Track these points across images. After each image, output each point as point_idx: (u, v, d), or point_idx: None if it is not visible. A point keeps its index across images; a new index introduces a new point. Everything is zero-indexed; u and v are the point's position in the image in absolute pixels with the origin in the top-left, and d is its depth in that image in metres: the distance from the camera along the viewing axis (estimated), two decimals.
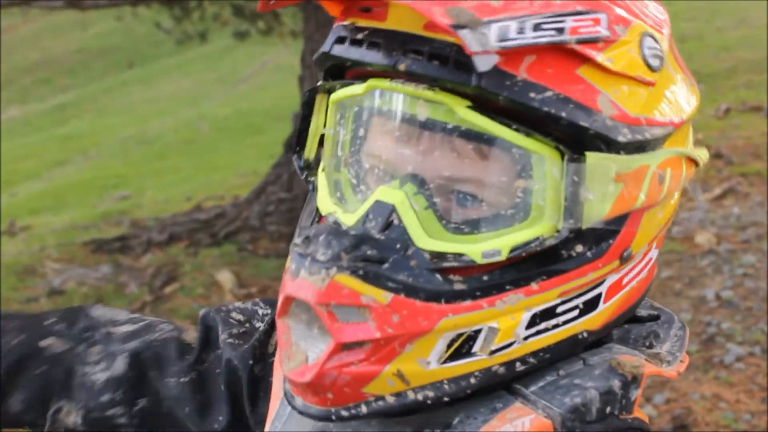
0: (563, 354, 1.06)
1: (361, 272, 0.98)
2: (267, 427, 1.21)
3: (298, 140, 1.18)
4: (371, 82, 1.05)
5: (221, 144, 14.45)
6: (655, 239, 1.10)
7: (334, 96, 1.11)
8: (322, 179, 1.14)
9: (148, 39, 24.25)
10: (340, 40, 1.06)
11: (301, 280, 1.00)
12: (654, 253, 1.12)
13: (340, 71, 1.12)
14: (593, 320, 1.06)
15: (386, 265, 0.99)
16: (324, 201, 1.12)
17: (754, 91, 10.49)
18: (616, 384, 1.05)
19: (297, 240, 1.05)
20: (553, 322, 1.03)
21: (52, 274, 7.81)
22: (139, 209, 10.63)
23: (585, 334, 1.06)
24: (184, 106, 18.24)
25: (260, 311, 1.43)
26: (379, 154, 1.07)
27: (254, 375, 1.32)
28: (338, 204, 1.11)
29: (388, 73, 1.03)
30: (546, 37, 0.95)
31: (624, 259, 1.05)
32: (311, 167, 1.18)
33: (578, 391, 1.04)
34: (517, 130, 0.98)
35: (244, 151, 13.55)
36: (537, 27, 0.95)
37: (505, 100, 0.96)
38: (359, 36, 1.04)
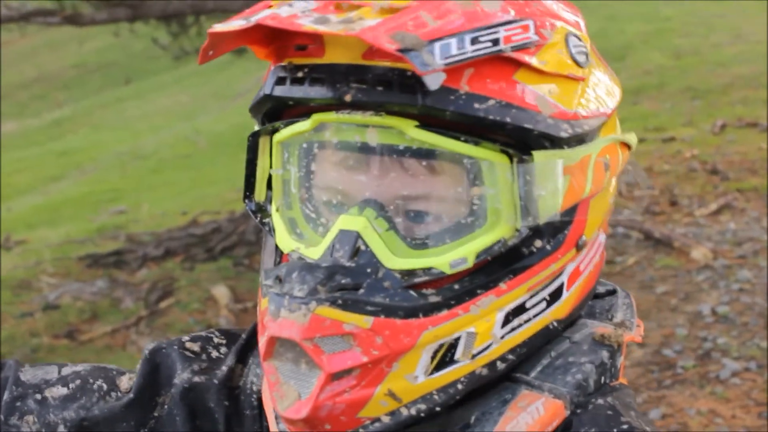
0: (538, 345, 1.11)
1: (339, 301, 1.01)
2: None
3: (246, 185, 1.20)
4: (317, 116, 1.07)
5: (217, 159, 14.44)
6: (602, 224, 1.16)
7: (278, 136, 1.13)
8: (277, 219, 1.16)
9: (144, 55, 24.26)
10: (281, 81, 1.09)
11: (282, 320, 1.03)
12: (602, 237, 1.18)
13: (277, 113, 1.14)
14: (560, 309, 1.12)
15: (362, 291, 1.02)
16: (283, 239, 1.14)
17: (750, 107, 10.50)
18: (605, 355, 1.12)
19: (268, 281, 1.07)
20: (525, 317, 1.08)
21: (47, 289, 7.79)
22: (134, 224, 10.62)
23: (555, 324, 1.11)
24: (180, 121, 18.24)
25: (215, 339, 1.37)
26: (335, 185, 1.09)
27: (229, 415, 1.29)
28: (299, 240, 1.13)
29: (332, 106, 1.06)
30: (484, 49, 1.00)
31: (579, 247, 1.11)
32: (263, 209, 1.19)
33: (576, 368, 1.10)
34: (465, 141, 1.03)
35: (240, 165, 13.33)
36: (474, 41, 1.00)
37: (452, 114, 1.01)
38: (299, 74, 1.07)
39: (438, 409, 1.05)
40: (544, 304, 1.09)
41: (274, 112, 1.14)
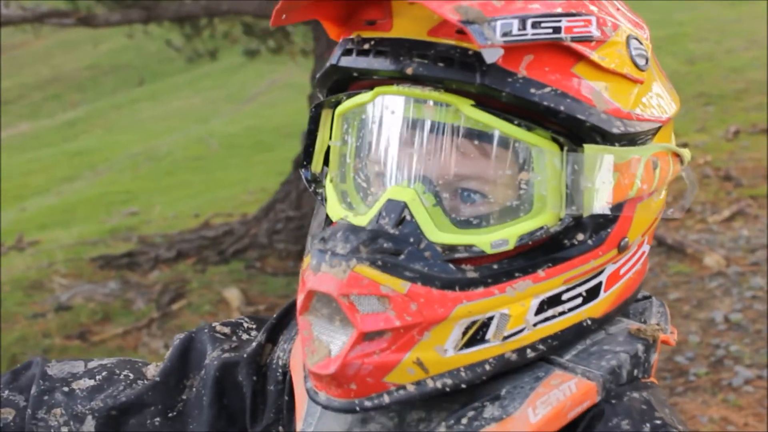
0: (570, 340, 1.12)
1: (379, 263, 1.04)
2: (298, 427, 1.23)
3: (305, 155, 1.24)
4: (378, 89, 1.11)
5: (230, 161, 14.48)
6: (647, 232, 1.17)
7: (340, 108, 1.17)
8: (330, 189, 1.20)
9: (158, 56, 24.35)
10: (347, 52, 1.12)
11: (322, 274, 1.06)
12: (646, 248, 1.20)
13: (342, 86, 1.17)
14: (596, 308, 1.13)
15: (402, 257, 1.05)
16: (334, 208, 1.18)
17: (764, 113, 10.46)
18: (640, 348, 1.14)
19: (314, 241, 1.10)
20: (560, 309, 1.10)
21: (59, 290, 7.81)
22: (147, 225, 10.64)
23: (589, 322, 1.13)
24: (194, 123, 18.28)
25: (245, 324, 1.44)
26: (388, 156, 1.12)
27: (257, 391, 1.33)
28: (348, 209, 1.16)
29: (393, 80, 1.09)
30: (544, 34, 1.03)
31: (621, 248, 1.12)
32: (318, 180, 1.23)
33: (611, 355, 1.12)
34: (518, 125, 1.05)
35: (252, 168, 13.57)
36: (536, 25, 1.03)
37: (507, 96, 1.04)
38: (366, 46, 1.10)
39: (463, 386, 1.07)
40: (579, 300, 1.11)
41: (339, 85, 1.17)
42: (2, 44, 24.00)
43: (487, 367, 1.08)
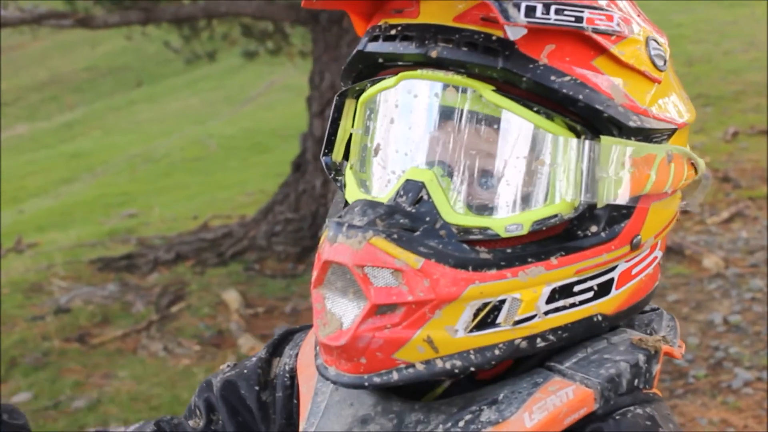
0: (580, 335, 1.13)
1: (395, 236, 1.06)
2: (301, 427, 1.24)
3: (327, 142, 1.26)
4: (402, 74, 1.14)
5: (228, 162, 14.47)
6: (660, 235, 1.18)
7: (364, 96, 1.20)
8: (350, 176, 1.23)
9: (156, 58, 24.34)
10: (374, 39, 1.15)
11: (338, 245, 1.08)
12: (658, 254, 1.21)
13: (366, 76, 1.21)
14: (607, 304, 1.14)
15: (418, 233, 1.07)
16: (353, 192, 1.20)
17: (762, 114, 10.47)
18: (641, 358, 1.13)
19: (333, 218, 1.13)
20: (571, 300, 1.11)
21: (58, 293, 7.80)
22: (145, 227, 10.63)
23: (600, 317, 1.14)
24: (192, 125, 18.27)
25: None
26: (409, 139, 1.15)
27: (262, 401, 1.36)
28: (366, 193, 1.19)
29: (418, 65, 1.12)
30: (566, 21, 1.06)
31: (634, 245, 1.14)
32: (338, 168, 1.26)
33: (610, 364, 1.12)
34: (537, 111, 1.08)
35: (251, 170, 13.57)
36: (559, 11, 1.05)
37: (528, 81, 1.07)
38: (392, 32, 1.13)
39: (472, 369, 1.08)
40: (591, 294, 1.12)
41: (363, 75, 1.20)
42: (0, 46, 23.98)
43: (497, 351, 1.09)
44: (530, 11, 1.03)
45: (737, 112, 10.87)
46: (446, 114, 1.12)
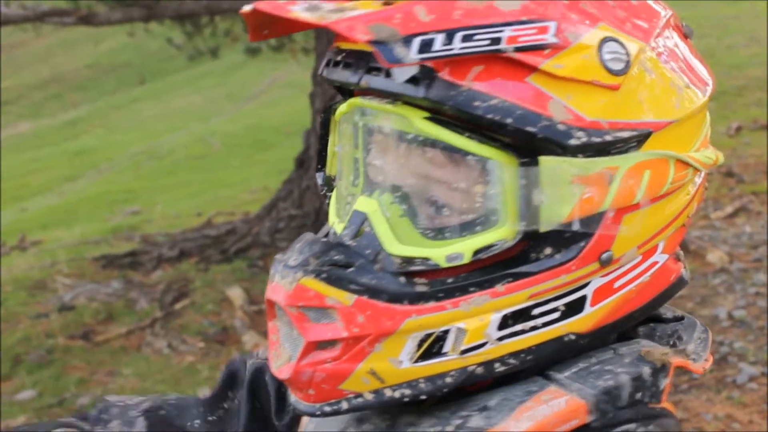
0: (550, 355, 1.09)
1: (324, 275, 1.04)
2: (302, 424, 1.27)
3: (318, 158, 1.25)
4: (351, 99, 1.12)
5: (231, 160, 14.48)
6: (649, 243, 1.11)
7: (335, 116, 1.18)
8: (333, 194, 1.22)
9: (159, 55, 24.35)
10: (328, 63, 1.13)
11: (275, 284, 1.09)
12: (661, 258, 1.14)
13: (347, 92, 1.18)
14: (581, 322, 1.08)
15: (351, 269, 1.05)
16: (331, 214, 1.20)
17: (765, 109, 10.47)
18: (646, 371, 1.09)
19: (277, 256, 1.13)
20: (531, 323, 1.06)
21: (62, 290, 7.81)
22: (149, 224, 10.64)
23: (572, 336, 1.09)
24: (195, 122, 18.28)
25: None
26: (361, 166, 1.13)
27: (281, 393, 1.40)
28: (337, 215, 1.18)
29: (363, 90, 1.09)
30: (478, 47, 0.98)
31: (604, 262, 1.06)
32: (331, 184, 1.24)
33: (610, 376, 1.08)
34: (470, 137, 1.02)
35: (254, 166, 13.57)
36: (467, 38, 0.98)
37: (450, 108, 1.01)
38: (338, 58, 1.10)
39: (423, 397, 1.07)
40: (557, 314, 1.07)
41: (344, 90, 1.18)
42: (2, 44, 24.00)
43: (449, 379, 1.06)
44: (426, 46, 0.96)
45: (740, 106, 10.86)
46: (386, 142, 1.09)
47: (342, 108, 1.14)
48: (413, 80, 1.01)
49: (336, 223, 1.16)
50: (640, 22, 1.11)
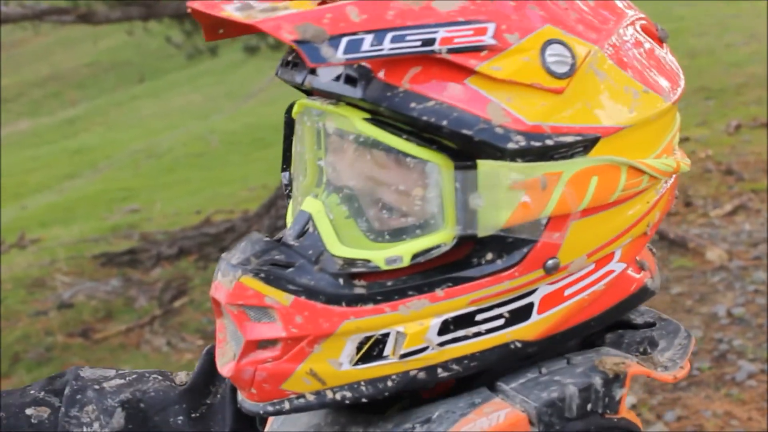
0: (494, 362, 1.07)
1: (262, 275, 1.04)
2: (267, 427, 1.27)
3: (283, 158, 1.24)
4: (300, 99, 1.13)
5: (230, 158, 14.46)
6: (601, 251, 1.08)
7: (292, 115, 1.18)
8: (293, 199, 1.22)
9: (158, 53, 24.32)
10: (282, 62, 1.13)
11: (216, 282, 1.09)
12: (617, 267, 1.11)
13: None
14: (527, 330, 1.07)
15: (291, 270, 1.05)
16: (288, 214, 1.20)
17: (764, 107, 10.45)
18: (597, 381, 1.06)
19: (223, 254, 1.13)
20: (474, 330, 1.05)
21: (61, 288, 7.81)
22: (148, 222, 10.64)
23: (518, 344, 1.07)
24: (194, 120, 18.27)
25: None
26: (309, 167, 1.14)
27: None
28: (292, 215, 1.18)
29: (309, 90, 1.10)
30: (408, 48, 0.97)
31: (549, 269, 1.05)
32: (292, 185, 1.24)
33: (556, 387, 1.05)
34: (407, 140, 1.01)
35: (253, 164, 13.56)
36: (398, 39, 0.96)
37: (386, 110, 1.00)
38: (290, 58, 1.10)
39: (364, 400, 1.06)
40: (501, 321, 1.05)
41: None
42: (2, 42, 23.99)
43: (390, 383, 1.06)
44: (353, 46, 0.95)
45: (740, 104, 10.84)
46: (330, 143, 1.09)
47: (295, 108, 1.15)
48: (352, 81, 1.00)
49: (290, 224, 1.15)
50: (596, 23, 1.07)
